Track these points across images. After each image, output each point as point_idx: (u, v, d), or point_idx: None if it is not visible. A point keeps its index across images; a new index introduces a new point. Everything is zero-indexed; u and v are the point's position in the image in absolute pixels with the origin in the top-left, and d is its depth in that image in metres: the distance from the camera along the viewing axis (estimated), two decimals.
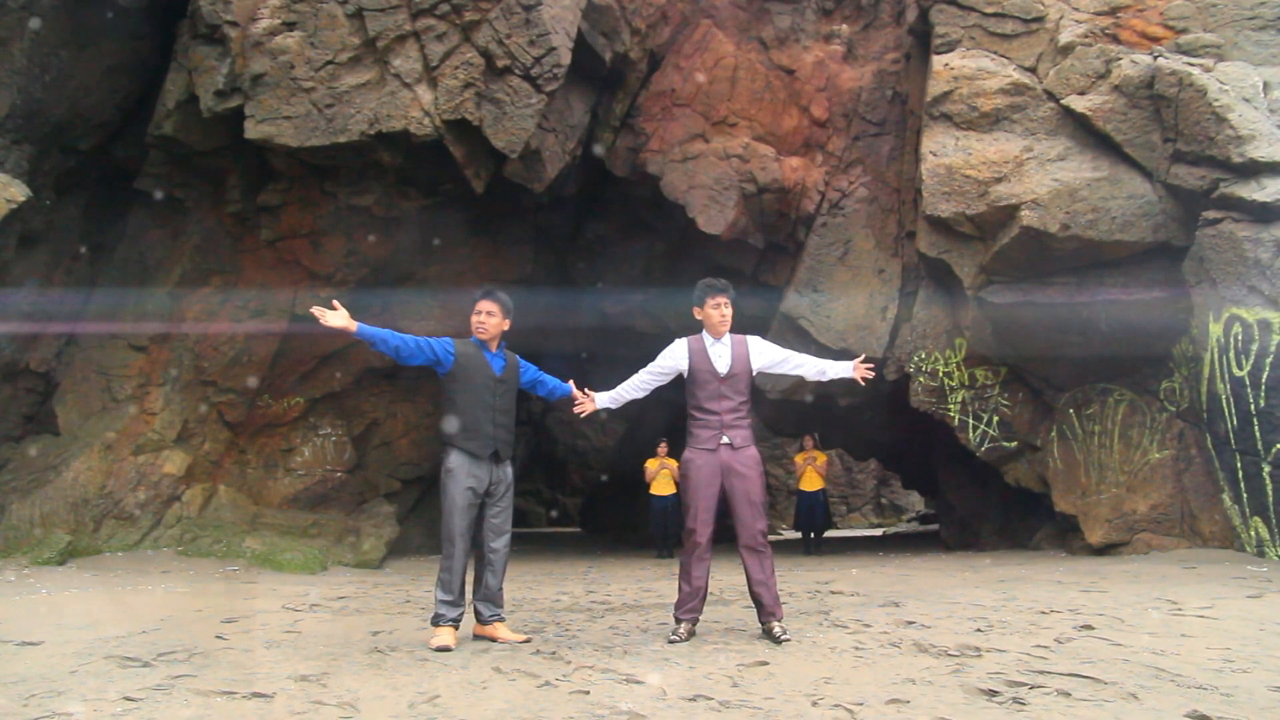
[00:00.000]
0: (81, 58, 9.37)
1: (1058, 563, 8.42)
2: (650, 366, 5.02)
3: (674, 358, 4.97)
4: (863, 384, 5.22)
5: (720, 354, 4.90)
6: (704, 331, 4.98)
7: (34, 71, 9.03)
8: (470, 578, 4.92)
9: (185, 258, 10.11)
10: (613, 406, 5.10)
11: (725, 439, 4.81)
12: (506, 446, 4.97)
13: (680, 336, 5.07)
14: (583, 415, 5.06)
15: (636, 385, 5.04)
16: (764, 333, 5.19)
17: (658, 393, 5.23)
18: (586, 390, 5.13)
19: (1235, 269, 7.64)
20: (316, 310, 4.56)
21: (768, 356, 5.02)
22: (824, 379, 5.21)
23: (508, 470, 5.00)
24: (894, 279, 11.08)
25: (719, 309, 4.91)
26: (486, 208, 10.62)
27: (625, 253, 12.95)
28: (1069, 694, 3.34)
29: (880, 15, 12.42)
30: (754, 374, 4.99)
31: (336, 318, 4.54)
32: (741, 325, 5.18)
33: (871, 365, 5.18)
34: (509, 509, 4.99)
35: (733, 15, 12.28)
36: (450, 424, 4.84)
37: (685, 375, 4.96)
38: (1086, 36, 9.16)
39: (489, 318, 4.93)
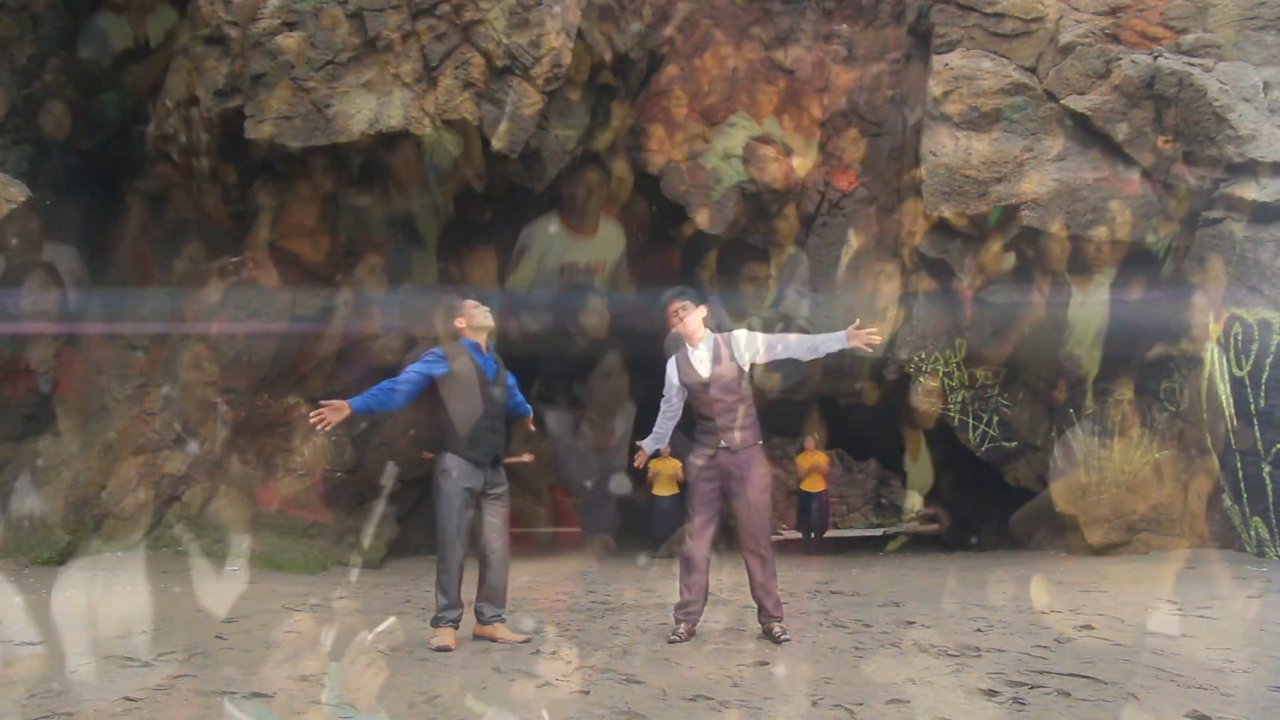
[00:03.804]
0: (81, 57, 9.35)
1: (1058, 563, 8.41)
2: (664, 392, 5.10)
3: (669, 375, 5.04)
4: (868, 350, 4.70)
5: (700, 359, 4.88)
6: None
7: (34, 71, 9.03)
8: (470, 578, 4.92)
9: (185, 258, 10.10)
10: (661, 446, 5.21)
11: (723, 443, 4.79)
12: (502, 450, 5.00)
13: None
14: (640, 466, 5.31)
15: (665, 415, 5.12)
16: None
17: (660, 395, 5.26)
18: (637, 444, 5.28)
19: (1235, 269, 7.64)
20: (314, 418, 4.48)
21: (754, 348, 4.89)
22: (817, 355, 4.90)
23: (502, 471, 5.02)
24: (894, 279, 11.07)
25: (675, 315, 4.92)
26: (486, 208, 10.60)
27: (624, 253, 12.92)
28: (1069, 694, 3.34)
29: (880, 15, 12.40)
30: (746, 370, 4.89)
31: (333, 413, 4.48)
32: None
33: (873, 330, 4.67)
34: (507, 508, 5.01)
35: (733, 15, 12.27)
36: (449, 431, 4.82)
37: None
38: (1086, 36, 9.16)
39: (477, 309, 4.97)
